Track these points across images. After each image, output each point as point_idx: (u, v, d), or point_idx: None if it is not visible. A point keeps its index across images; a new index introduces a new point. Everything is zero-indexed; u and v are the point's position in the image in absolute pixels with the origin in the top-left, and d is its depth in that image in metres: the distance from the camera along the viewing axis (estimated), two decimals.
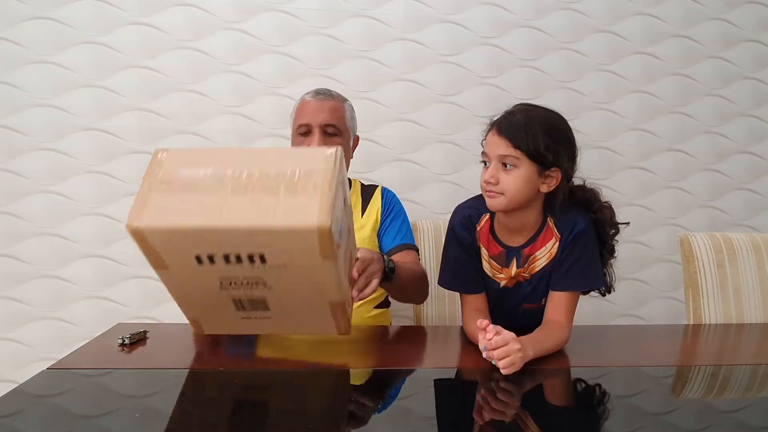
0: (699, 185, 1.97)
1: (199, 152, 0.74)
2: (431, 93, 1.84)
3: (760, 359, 0.95)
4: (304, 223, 0.65)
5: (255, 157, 0.73)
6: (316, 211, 0.66)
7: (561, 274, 1.03)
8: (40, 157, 1.68)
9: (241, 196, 0.67)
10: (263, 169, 0.70)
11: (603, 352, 1.01)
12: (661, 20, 1.92)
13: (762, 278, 1.39)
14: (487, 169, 1.00)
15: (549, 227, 1.04)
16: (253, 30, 1.76)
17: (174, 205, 0.67)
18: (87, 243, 1.71)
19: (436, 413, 0.72)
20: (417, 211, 1.82)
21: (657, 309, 1.96)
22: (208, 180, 0.69)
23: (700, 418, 0.73)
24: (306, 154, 0.75)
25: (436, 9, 1.82)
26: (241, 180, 0.69)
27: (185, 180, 0.69)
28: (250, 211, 0.66)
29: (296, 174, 0.70)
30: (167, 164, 0.71)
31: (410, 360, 0.98)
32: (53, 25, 1.67)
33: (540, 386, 0.84)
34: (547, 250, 1.04)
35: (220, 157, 0.72)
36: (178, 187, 0.68)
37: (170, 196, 0.68)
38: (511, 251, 1.06)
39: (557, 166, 0.98)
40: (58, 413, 0.69)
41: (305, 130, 1.27)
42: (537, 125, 0.97)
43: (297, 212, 0.66)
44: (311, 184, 0.68)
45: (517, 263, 1.06)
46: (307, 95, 1.31)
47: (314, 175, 0.70)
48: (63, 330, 1.71)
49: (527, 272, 1.07)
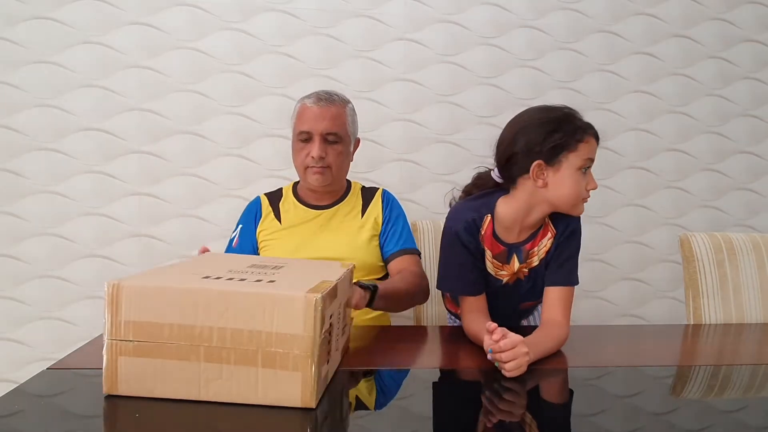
0: (699, 185, 1.97)
1: (156, 290, 0.68)
2: (431, 93, 1.84)
3: (760, 359, 0.95)
4: (288, 403, 0.67)
5: (221, 300, 0.67)
6: (299, 392, 0.66)
7: (556, 270, 1.05)
8: (40, 157, 1.68)
9: (216, 364, 0.67)
10: (236, 324, 0.66)
11: (603, 352, 1.01)
12: (661, 20, 1.92)
13: (762, 278, 1.39)
14: (584, 175, 1.01)
15: (547, 223, 1.07)
16: (253, 30, 1.76)
17: (147, 374, 0.67)
18: (87, 243, 1.71)
19: (436, 413, 0.72)
20: (417, 211, 1.82)
21: (657, 309, 1.96)
22: (176, 337, 0.67)
23: (700, 418, 0.73)
24: (281, 302, 0.66)
25: (436, 9, 1.82)
26: (212, 343, 0.66)
27: (152, 335, 0.67)
28: (230, 387, 0.67)
29: (272, 339, 0.66)
30: (126, 310, 0.67)
31: (410, 360, 0.98)
32: (53, 25, 1.67)
33: (540, 386, 0.84)
34: (543, 245, 1.07)
35: (182, 298, 0.67)
36: (147, 348, 0.67)
37: (140, 360, 0.67)
38: (512, 248, 1.08)
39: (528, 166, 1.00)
40: (58, 413, 0.69)
41: (306, 137, 1.28)
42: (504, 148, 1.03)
43: (279, 390, 0.66)
44: (291, 358, 0.66)
45: (519, 259, 1.08)
46: (308, 100, 1.30)
47: (293, 344, 0.65)
48: (63, 330, 1.71)
49: (527, 267, 1.09)
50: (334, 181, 1.32)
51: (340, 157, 1.30)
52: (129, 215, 1.72)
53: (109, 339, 0.68)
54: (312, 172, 1.28)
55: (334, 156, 1.29)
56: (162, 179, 1.73)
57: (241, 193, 1.75)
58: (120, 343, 0.67)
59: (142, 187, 1.72)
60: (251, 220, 1.36)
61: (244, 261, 0.89)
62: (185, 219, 1.74)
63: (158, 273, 0.76)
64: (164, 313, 0.67)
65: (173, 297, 0.67)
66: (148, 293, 0.67)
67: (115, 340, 0.67)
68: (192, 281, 0.70)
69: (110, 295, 0.67)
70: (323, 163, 1.28)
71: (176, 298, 0.67)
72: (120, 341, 0.67)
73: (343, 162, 1.32)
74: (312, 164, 1.27)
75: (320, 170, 1.28)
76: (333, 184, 1.33)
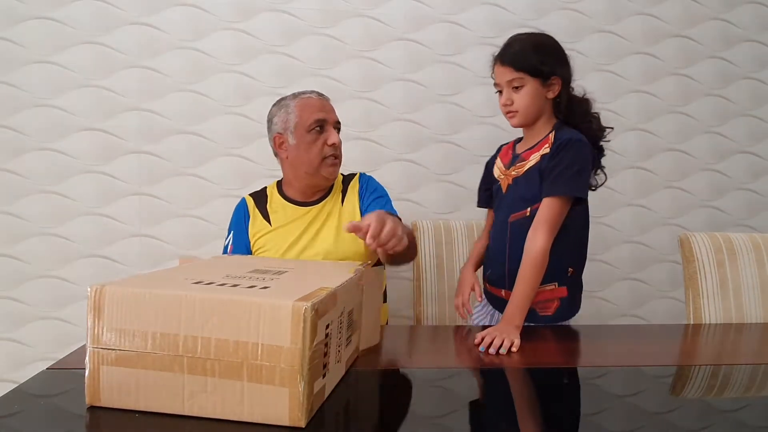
0: (699, 185, 1.97)
1: (138, 296, 0.64)
2: (431, 93, 1.84)
3: (760, 359, 0.95)
4: (276, 420, 0.62)
5: (205, 308, 0.63)
6: (287, 409, 0.61)
7: (550, 180, 1.11)
8: (40, 157, 1.68)
9: (200, 377, 0.63)
10: (221, 334, 0.62)
11: (603, 351, 1.01)
12: (661, 20, 1.92)
13: (762, 278, 1.39)
14: (501, 95, 1.18)
15: (549, 136, 1.16)
16: (253, 30, 1.76)
17: (130, 384, 0.65)
18: (87, 243, 1.71)
19: (435, 413, 0.72)
20: (417, 211, 1.82)
21: (657, 309, 1.96)
22: (158, 346, 0.64)
23: (700, 418, 0.73)
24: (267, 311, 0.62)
25: (436, 9, 1.82)
26: (196, 354, 0.63)
27: (134, 344, 0.64)
28: (215, 401, 0.63)
29: (258, 351, 0.62)
30: (108, 315, 0.64)
31: (410, 360, 0.98)
32: (53, 25, 1.67)
33: (540, 386, 0.84)
34: (538, 155, 1.16)
35: (165, 305, 0.64)
36: (129, 358, 0.64)
37: (122, 369, 0.65)
38: (515, 156, 1.23)
39: (555, 75, 1.15)
40: (58, 413, 0.69)
41: (319, 125, 1.28)
42: (529, 47, 1.16)
43: (265, 406, 0.62)
44: (277, 372, 0.61)
45: (514, 164, 1.21)
46: (305, 95, 1.32)
47: (279, 357, 0.61)
48: (63, 330, 1.71)
49: (516, 171, 1.19)
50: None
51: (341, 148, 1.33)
52: (129, 215, 1.72)
53: (92, 347, 0.65)
54: (329, 163, 1.29)
55: (341, 147, 1.32)
56: (162, 179, 1.72)
57: (241, 193, 1.74)
58: (102, 351, 0.65)
59: (142, 187, 1.72)
60: (241, 224, 1.35)
61: (248, 265, 0.86)
62: (185, 219, 1.74)
63: (149, 277, 0.73)
64: (147, 320, 0.64)
65: (156, 303, 0.64)
66: (130, 299, 0.64)
67: (98, 348, 0.65)
68: (179, 287, 0.66)
69: (93, 300, 0.64)
70: (338, 152, 1.30)
71: (159, 304, 0.64)
72: (102, 349, 0.65)
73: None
74: (331, 152, 1.28)
75: (337, 161, 1.30)
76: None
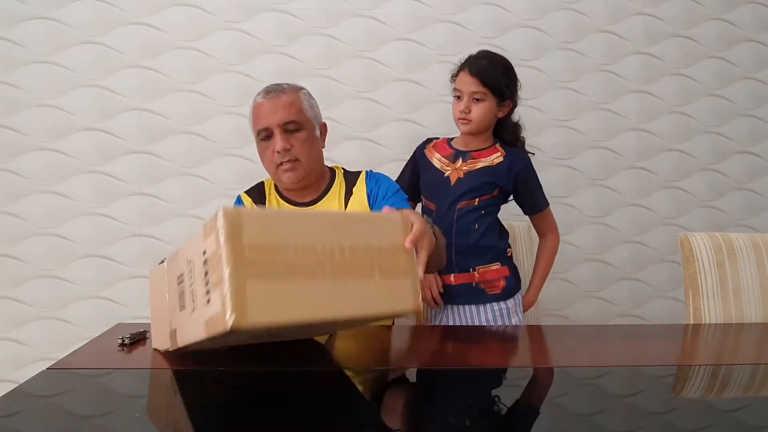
0: (699, 185, 1.97)
1: (271, 215, 0.76)
2: (431, 93, 1.84)
3: (760, 359, 0.95)
4: (404, 309, 0.80)
5: (332, 224, 0.75)
6: (411, 296, 0.79)
7: (531, 203, 1.41)
8: (40, 157, 1.68)
9: (341, 280, 0.71)
10: (350, 242, 0.74)
11: (602, 351, 1.01)
12: (661, 20, 1.92)
13: (762, 278, 1.39)
14: (460, 102, 1.32)
15: (496, 146, 1.38)
16: (253, 30, 1.76)
17: (277, 297, 0.65)
18: (87, 243, 1.71)
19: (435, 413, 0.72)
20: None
21: (657, 309, 1.96)
22: (302, 259, 0.68)
23: (700, 418, 0.73)
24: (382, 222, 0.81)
25: (436, 9, 1.82)
26: (334, 260, 0.71)
27: (278, 260, 0.66)
28: (354, 300, 0.73)
29: (384, 250, 0.77)
30: (248, 235, 0.64)
31: (410, 360, 0.98)
32: (53, 25, 1.67)
33: (540, 385, 0.84)
34: (490, 159, 1.36)
35: (297, 224, 0.71)
36: (274, 272, 0.65)
37: (269, 283, 0.64)
38: (458, 153, 1.39)
39: (510, 100, 1.33)
40: (58, 413, 0.69)
41: (266, 134, 1.21)
42: (499, 68, 1.31)
43: (395, 298, 0.78)
44: (401, 265, 0.79)
45: (463, 160, 1.37)
46: (257, 97, 1.23)
47: (398, 253, 0.79)
48: (63, 330, 1.71)
49: (468, 166, 1.36)
50: (307, 174, 1.24)
51: (306, 145, 1.21)
52: (129, 215, 1.72)
53: (232, 268, 0.62)
54: (283, 170, 1.21)
55: (299, 145, 1.20)
56: (162, 179, 1.73)
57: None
58: (246, 266, 0.63)
59: (142, 187, 1.72)
60: None
61: None
62: (185, 219, 1.74)
63: None
64: (285, 236, 0.68)
65: (291, 220, 0.72)
66: (266, 218, 0.70)
67: (240, 268, 0.62)
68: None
69: (227, 223, 0.63)
70: (290, 156, 1.19)
71: (297, 219, 0.73)
72: (245, 268, 0.63)
73: (311, 150, 1.23)
74: (280, 159, 1.19)
75: (290, 165, 1.20)
76: (308, 177, 1.25)
